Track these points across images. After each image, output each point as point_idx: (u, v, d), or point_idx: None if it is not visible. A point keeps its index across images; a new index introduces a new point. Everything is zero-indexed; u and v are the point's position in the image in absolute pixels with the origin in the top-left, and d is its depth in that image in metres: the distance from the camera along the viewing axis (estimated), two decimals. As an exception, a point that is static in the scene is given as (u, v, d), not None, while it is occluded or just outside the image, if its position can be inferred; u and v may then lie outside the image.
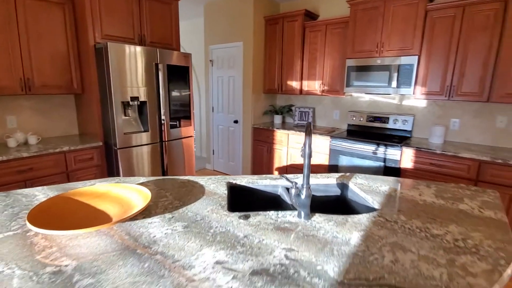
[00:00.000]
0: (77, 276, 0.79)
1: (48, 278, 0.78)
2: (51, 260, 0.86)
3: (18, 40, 2.25)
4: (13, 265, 0.84)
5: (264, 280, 0.78)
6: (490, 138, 2.72)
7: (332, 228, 1.07)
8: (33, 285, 0.75)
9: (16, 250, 0.91)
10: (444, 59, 2.62)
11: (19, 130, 2.58)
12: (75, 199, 1.23)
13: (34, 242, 0.96)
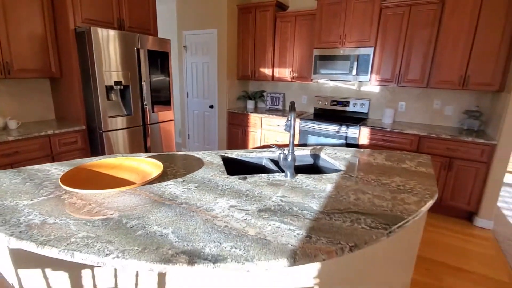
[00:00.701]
0: (124, 220, 1.02)
1: (101, 222, 1.00)
2: (96, 213, 1.06)
3: (-6, 22, 2.19)
4: (63, 217, 1.03)
5: (268, 214, 1.08)
6: (428, 117, 3.30)
7: (312, 182, 1.41)
8: (90, 228, 0.96)
9: (59, 208, 1.09)
10: (394, 51, 3.09)
11: None
12: (94, 170, 1.41)
13: (72, 202, 1.14)
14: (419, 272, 2.05)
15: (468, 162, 2.67)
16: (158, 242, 0.88)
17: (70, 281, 1.07)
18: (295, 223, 1.02)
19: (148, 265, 0.80)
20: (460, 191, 2.76)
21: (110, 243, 0.87)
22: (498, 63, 2.59)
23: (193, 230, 0.96)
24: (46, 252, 0.86)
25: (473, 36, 2.65)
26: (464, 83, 2.77)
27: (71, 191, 1.22)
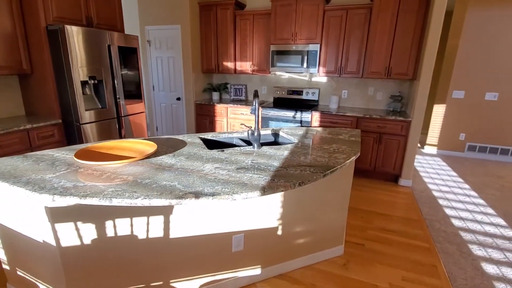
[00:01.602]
0: (138, 180, 1.38)
1: (121, 183, 1.35)
2: (113, 178, 1.40)
3: (-39, 19, 2.24)
4: (88, 182, 1.35)
5: (244, 170, 1.53)
6: (365, 102, 4.01)
7: (273, 151, 1.88)
8: (115, 186, 1.31)
9: (81, 177, 1.40)
10: (336, 47, 3.70)
11: (-37, 112, 2.55)
12: (96, 150, 1.71)
13: (90, 173, 1.46)
14: (356, 219, 2.69)
15: (392, 136, 3.41)
16: (170, 189, 1.27)
17: (97, 231, 1.40)
18: (263, 174, 1.48)
19: (168, 201, 1.19)
20: (388, 159, 3.50)
21: (135, 192, 1.24)
22: (411, 58, 3.32)
23: (192, 182, 1.36)
24: (88, 202, 1.20)
25: (393, 36, 3.35)
26: (388, 73, 3.48)
27: (87, 164, 1.53)
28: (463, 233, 2.52)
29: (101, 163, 1.51)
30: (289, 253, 1.96)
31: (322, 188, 1.94)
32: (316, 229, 2.01)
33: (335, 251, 2.16)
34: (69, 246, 1.37)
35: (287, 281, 1.90)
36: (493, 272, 2.04)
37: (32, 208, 1.36)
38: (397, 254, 2.21)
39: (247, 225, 1.74)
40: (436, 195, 3.27)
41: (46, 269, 1.46)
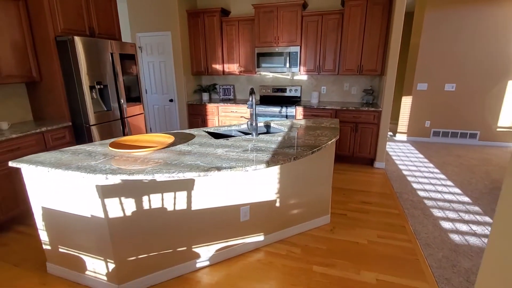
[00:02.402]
0: (168, 161, 1.73)
1: (155, 165, 1.69)
2: (146, 162, 1.74)
3: (-20, 34, 2.47)
4: (128, 165, 1.68)
5: (249, 151, 1.92)
6: (341, 97, 4.51)
7: (269, 137, 2.28)
8: (151, 166, 1.65)
9: (120, 162, 1.73)
10: (314, 48, 4.16)
11: (-22, 119, 2.75)
12: (123, 143, 2.03)
13: (125, 159, 1.79)
14: (339, 196, 3.15)
15: (367, 124, 3.91)
16: (195, 166, 1.64)
17: (135, 204, 1.74)
18: (265, 153, 1.88)
19: (197, 173, 1.56)
20: (364, 145, 4.01)
21: (170, 169, 1.60)
22: (378, 56, 3.85)
23: (211, 161, 1.73)
24: (135, 178, 1.54)
25: (363, 38, 3.86)
26: (360, 70, 3.98)
27: (120, 153, 1.86)
28: (426, 201, 3.04)
29: (132, 151, 1.85)
30: (286, 222, 2.37)
31: (310, 166, 2.36)
32: (307, 201, 2.43)
33: (323, 219, 2.59)
34: (115, 217, 1.70)
35: (286, 244, 2.31)
36: (448, 227, 2.55)
37: (83, 188, 1.67)
38: (373, 220, 2.68)
39: (252, 199, 2.13)
40: (405, 174, 3.81)
41: (92, 241, 1.77)
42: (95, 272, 1.85)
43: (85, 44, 2.91)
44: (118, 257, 1.76)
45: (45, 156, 1.86)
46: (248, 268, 2.05)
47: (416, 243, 2.31)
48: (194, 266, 2.03)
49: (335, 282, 1.90)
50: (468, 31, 4.75)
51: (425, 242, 2.32)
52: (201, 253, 2.03)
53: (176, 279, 1.95)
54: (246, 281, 1.92)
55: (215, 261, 2.10)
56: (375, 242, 2.32)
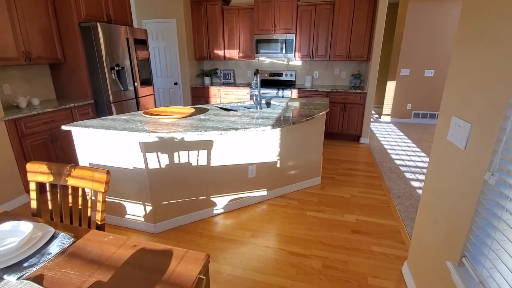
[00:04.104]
0: (193, 125, 2.18)
1: (185, 128, 2.14)
2: (177, 126, 2.18)
3: (17, 20, 2.79)
4: (163, 128, 2.12)
5: (256, 119, 2.38)
6: (332, 80, 4.99)
7: (271, 110, 2.75)
8: (181, 128, 2.10)
9: (154, 126, 2.17)
10: (308, 36, 4.58)
11: (14, 96, 3.10)
12: (152, 113, 2.46)
13: (159, 123, 2.22)
14: (328, 164, 3.67)
15: (354, 105, 4.41)
16: (216, 128, 2.10)
17: (168, 158, 2.19)
18: (270, 120, 2.34)
19: (219, 132, 2.02)
20: (351, 123, 4.52)
21: (198, 130, 2.05)
22: (365, 43, 4.31)
23: (227, 124, 2.19)
24: (172, 135, 1.99)
25: (351, 26, 4.30)
26: (349, 56, 4.45)
27: (153, 119, 2.29)
28: (401, 167, 3.60)
29: (162, 117, 2.29)
30: (285, 180, 2.87)
31: (305, 133, 2.84)
32: (302, 164, 2.93)
33: (315, 180, 3.10)
34: (153, 168, 2.15)
35: (285, 198, 2.82)
36: (416, 185, 3.10)
37: (127, 145, 2.11)
38: (356, 181, 3.21)
39: (258, 159, 2.60)
40: (386, 148, 4.36)
41: (133, 188, 2.22)
42: (134, 215, 2.31)
43: (104, 30, 3.26)
44: (155, 201, 2.22)
45: (90, 122, 2.28)
46: (255, 214, 2.55)
47: (390, 196, 2.86)
48: (211, 212, 2.51)
49: (324, 221, 2.42)
50: (447, 21, 5.24)
51: (397, 195, 2.87)
52: (217, 202, 2.52)
53: (198, 221, 2.43)
54: (254, 222, 2.42)
55: (228, 210, 2.59)
56: (357, 196, 2.85)
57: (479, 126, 1.07)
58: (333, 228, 2.33)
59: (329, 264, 1.92)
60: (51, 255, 0.96)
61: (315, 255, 2.01)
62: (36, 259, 0.95)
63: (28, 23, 2.92)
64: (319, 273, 1.83)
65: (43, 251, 0.99)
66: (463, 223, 1.14)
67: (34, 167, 1.25)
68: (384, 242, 2.14)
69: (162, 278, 0.86)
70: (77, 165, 1.22)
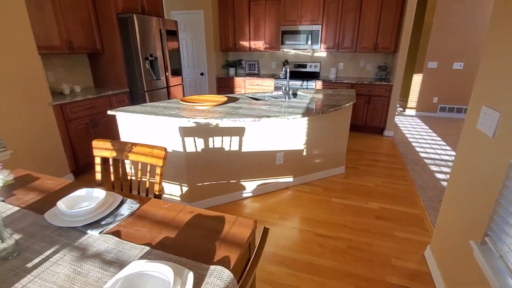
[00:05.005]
0: (227, 112, 2.31)
1: (219, 115, 2.28)
2: (212, 112, 2.33)
3: (60, 11, 3.02)
4: (199, 114, 2.28)
5: (285, 108, 2.48)
6: (357, 72, 4.96)
7: (299, 100, 2.84)
8: (217, 115, 2.24)
9: (191, 113, 2.32)
10: (334, 27, 4.57)
11: (58, 83, 3.37)
12: (187, 100, 2.62)
13: (195, 110, 2.38)
14: (353, 155, 3.72)
15: (379, 97, 4.40)
16: (249, 115, 2.22)
17: (204, 143, 2.35)
18: (298, 109, 2.44)
19: (252, 119, 2.14)
20: (376, 116, 4.51)
21: (233, 117, 2.18)
22: (393, 34, 4.25)
23: (259, 112, 2.31)
24: (208, 121, 2.14)
25: (379, 18, 4.25)
26: (375, 48, 4.41)
27: (189, 106, 2.46)
28: (426, 160, 3.59)
29: (198, 104, 2.44)
30: (310, 168, 2.97)
31: (331, 123, 2.91)
32: (327, 153, 3.01)
33: (339, 170, 3.18)
34: (190, 152, 2.32)
35: (310, 185, 2.93)
36: (441, 177, 3.11)
37: (167, 129, 2.28)
38: (380, 171, 3.26)
39: (285, 147, 2.72)
40: (411, 140, 4.34)
41: (171, 170, 2.41)
42: (171, 194, 2.51)
43: (139, 21, 3.45)
44: (191, 182, 2.41)
45: (133, 108, 2.48)
46: (282, 199, 2.68)
47: (413, 186, 2.90)
48: (241, 195, 2.67)
49: (348, 208, 2.52)
50: (479, 11, 5.03)
51: (421, 186, 2.90)
52: (246, 186, 2.67)
53: (229, 203, 2.60)
54: (281, 206, 2.55)
55: (256, 194, 2.74)
56: (380, 185, 2.91)
57: (508, 114, 1.13)
58: (357, 214, 2.42)
59: (354, 245, 2.03)
60: (123, 216, 1.14)
61: (340, 237, 2.12)
62: (111, 219, 1.13)
63: (70, 14, 3.14)
64: (345, 253, 1.95)
65: (116, 213, 1.16)
66: (487, 205, 1.20)
67: (100, 144, 1.44)
68: (407, 229, 2.22)
69: (219, 236, 1.01)
70: (137, 143, 1.39)
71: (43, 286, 0.78)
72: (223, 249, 0.95)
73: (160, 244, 0.97)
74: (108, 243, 0.97)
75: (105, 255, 0.91)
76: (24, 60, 2.57)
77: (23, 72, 2.57)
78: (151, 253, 0.92)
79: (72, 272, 0.83)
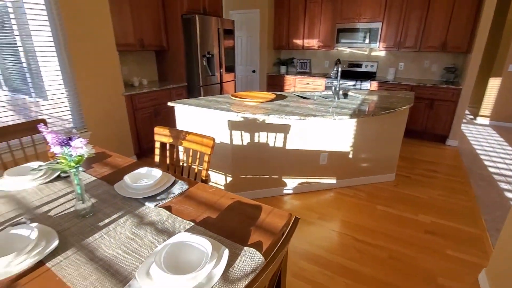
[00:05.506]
0: (274, 109, 2.38)
1: (266, 112, 2.36)
2: (259, 108, 2.42)
3: (136, 12, 3.42)
4: (247, 110, 2.39)
5: (333, 108, 2.45)
6: (420, 74, 4.56)
7: (348, 100, 2.76)
8: (264, 111, 2.32)
9: (240, 108, 2.45)
10: (396, 24, 4.27)
11: (130, 76, 3.84)
12: (237, 96, 2.76)
13: (244, 105, 2.50)
14: (406, 162, 3.46)
15: (444, 102, 3.99)
16: (295, 113, 2.25)
17: (250, 137, 2.46)
18: (347, 110, 2.38)
19: (298, 117, 2.17)
20: (438, 122, 4.11)
21: (279, 114, 2.24)
22: (466, 32, 3.80)
23: (306, 111, 2.32)
24: (255, 116, 2.23)
25: (451, 13, 3.84)
26: (444, 47, 4.00)
27: (239, 101, 2.59)
28: (495, 176, 3.16)
29: (247, 100, 2.56)
30: (355, 172, 2.88)
31: (383, 126, 2.77)
32: (375, 157, 2.87)
33: (388, 177, 3.01)
34: (236, 144, 2.46)
35: (353, 190, 2.83)
36: None
37: (217, 122, 2.45)
38: (437, 183, 2.98)
39: (330, 147, 2.68)
40: (479, 152, 3.85)
41: (218, 160, 2.58)
42: (216, 183, 2.69)
43: (201, 21, 3.71)
44: (235, 173, 2.54)
45: (188, 101, 2.71)
46: (322, 199, 2.66)
47: (475, 203, 2.59)
48: (282, 191, 2.72)
49: (394, 217, 2.38)
50: None
51: (485, 204, 2.58)
52: (288, 183, 2.71)
53: (269, 197, 2.68)
54: (321, 207, 2.54)
55: (296, 191, 2.76)
56: (435, 199, 2.67)
57: None
58: (403, 225, 2.28)
59: (395, 256, 1.93)
60: (174, 194, 1.29)
61: (381, 245, 2.03)
62: (164, 196, 1.29)
63: (143, 15, 3.54)
64: (384, 262, 1.87)
65: (169, 191, 1.32)
66: None
67: (160, 130, 1.64)
68: (462, 248, 2.01)
69: (255, 223, 1.09)
70: (190, 132, 1.54)
71: (110, 242, 0.95)
72: (257, 234, 1.02)
73: (202, 222, 1.09)
74: (161, 215, 1.12)
75: (157, 225, 1.05)
76: (107, 57, 3.00)
77: (106, 67, 3.00)
78: (194, 228, 1.04)
79: (132, 234, 0.99)
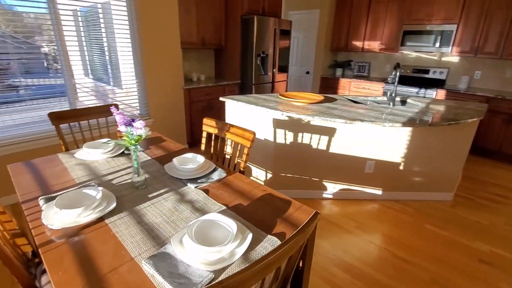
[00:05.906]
0: (320, 111, 2.35)
1: (312, 113, 2.35)
2: (306, 109, 2.42)
3: (201, 13, 3.70)
4: (293, 109, 2.41)
5: (386, 114, 2.31)
6: (499, 84, 3.97)
7: (405, 108, 2.57)
8: (310, 112, 2.32)
9: (287, 107, 2.48)
10: (475, 27, 3.79)
11: (190, 72, 4.17)
12: (286, 96, 2.80)
13: (291, 105, 2.53)
14: (470, 183, 3.07)
15: (527, 118, 3.41)
16: (342, 116, 2.19)
17: (293, 137, 2.49)
18: (400, 117, 2.23)
19: (344, 121, 2.12)
20: (517, 141, 3.53)
21: (324, 116, 2.21)
22: None
23: (354, 115, 2.25)
24: (300, 117, 2.25)
25: (549, 15, 3.26)
26: (477, 51, 3.42)
27: (286, 101, 2.63)
28: None
29: (295, 100, 2.58)
30: (406, 185, 2.67)
31: (444, 140, 2.50)
32: (431, 173, 2.62)
33: (444, 195, 2.72)
34: (279, 143, 2.50)
35: (400, 204, 2.63)
36: None
37: (263, 119, 2.53)
38: (505, 210, 2.58)
39: (378, 156, 2.53)
40: None
41: (260, 156, 2.66)
42: (256, 178, 2.78)
43: (259, 22, 3.83)
44: (275, 171, 2.59)
45: (238, 97, 2.84)
46: (364, 209, 2.53)
47: (555, 240, 2.18)
48: (321, 195, 2.68)
49: (444, 239, 2.15)
50: None
51: None
52: (328, 187, 2.65)
53: (307, 199, 2.66)
54: (361, 216, 2.42)
55: (337, 197, 2.69)
56: (499, 226, 2.33)
57: None
58: (454, 249, 2.05)
59: (439, 280, 1.75)
60: (213, 180, 1.40)
61: (423, 266, 1.87)
62: (204, 180, 1.40)
63: (207, 16, 3.80)
64: (425, 284, 1.71)
65: (209, 176, 1.44)
66: None
67: (208, 121, 1.77)
68: (527, 288, 1.73)
69: (282, 215, 1.12)
70: (234, 125, 1.64)
71: (154, 211, 1.10)
72: (282, 225, 1.06)
73: (234, 207, 1.17)
74: (199, 196, 1.24)
75: (195, 203, 1.17)
76: (172, 53, 3.32)
77: (170, 62, 3.33)
78: (226, 211, 1.13)
79: (173, 207, 1.13)
